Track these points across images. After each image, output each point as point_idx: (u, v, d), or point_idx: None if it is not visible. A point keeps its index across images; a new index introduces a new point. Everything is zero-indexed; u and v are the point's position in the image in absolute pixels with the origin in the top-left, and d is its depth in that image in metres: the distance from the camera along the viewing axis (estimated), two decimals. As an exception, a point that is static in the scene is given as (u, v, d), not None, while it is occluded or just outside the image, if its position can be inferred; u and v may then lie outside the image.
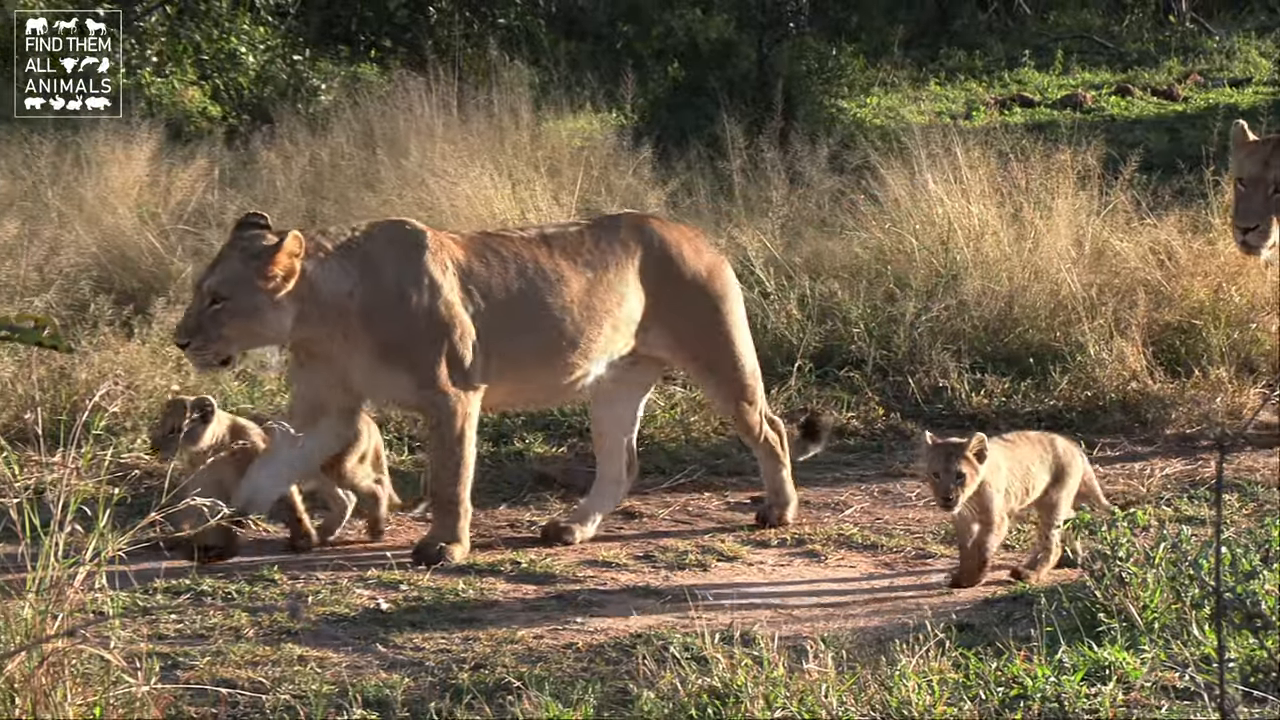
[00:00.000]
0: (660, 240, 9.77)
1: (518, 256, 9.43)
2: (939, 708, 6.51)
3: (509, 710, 6.74)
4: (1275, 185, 10.92)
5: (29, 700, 5.21)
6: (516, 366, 9.40)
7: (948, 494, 8.21)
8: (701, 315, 9.79)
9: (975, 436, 8.33)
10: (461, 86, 16.50)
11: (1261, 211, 10.94)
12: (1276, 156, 10.97)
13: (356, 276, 9.10)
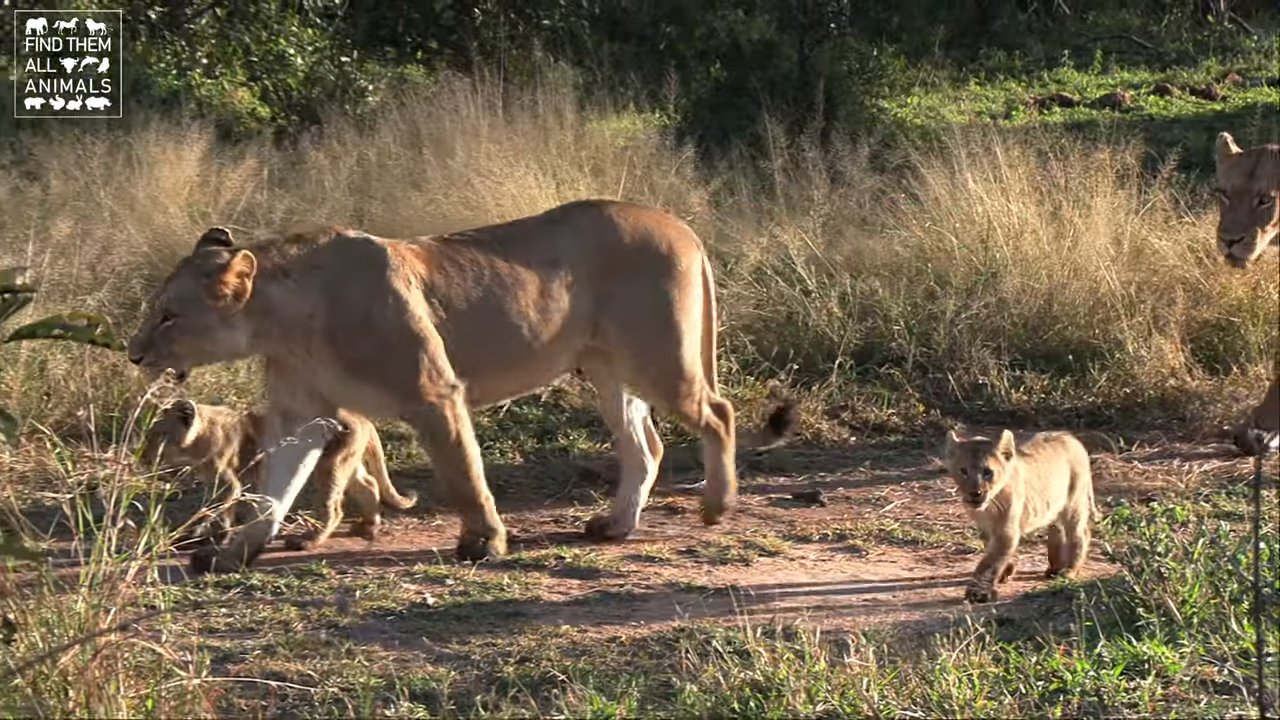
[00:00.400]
0: (617, 226, 9.62)
1: (474, 263, 9.32)
2: (979, 701, 6.50)
3: (554, 703, 6.74)
4: (1260, 196, 10.89)
5: (82, 693, 5.22)
6: (480, 370, 9.30)
7: (975, 489, 8.15)
8: (656, 297, 9.60)
9: (1004, 435, 8.29)
10: (506, 87, 16.51)
11: (1246, 223, 10.91)
12: (1261, 168, 10.95)
13: (317, 298, 8.97)
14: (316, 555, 9.25)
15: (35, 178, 15.42)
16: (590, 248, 9.53)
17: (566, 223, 9.66)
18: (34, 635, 5.54)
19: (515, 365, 9.40)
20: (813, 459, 11.14)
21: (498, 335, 9.27)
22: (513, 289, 9.30)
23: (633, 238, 9.60)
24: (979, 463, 8.14)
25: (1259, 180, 10.93)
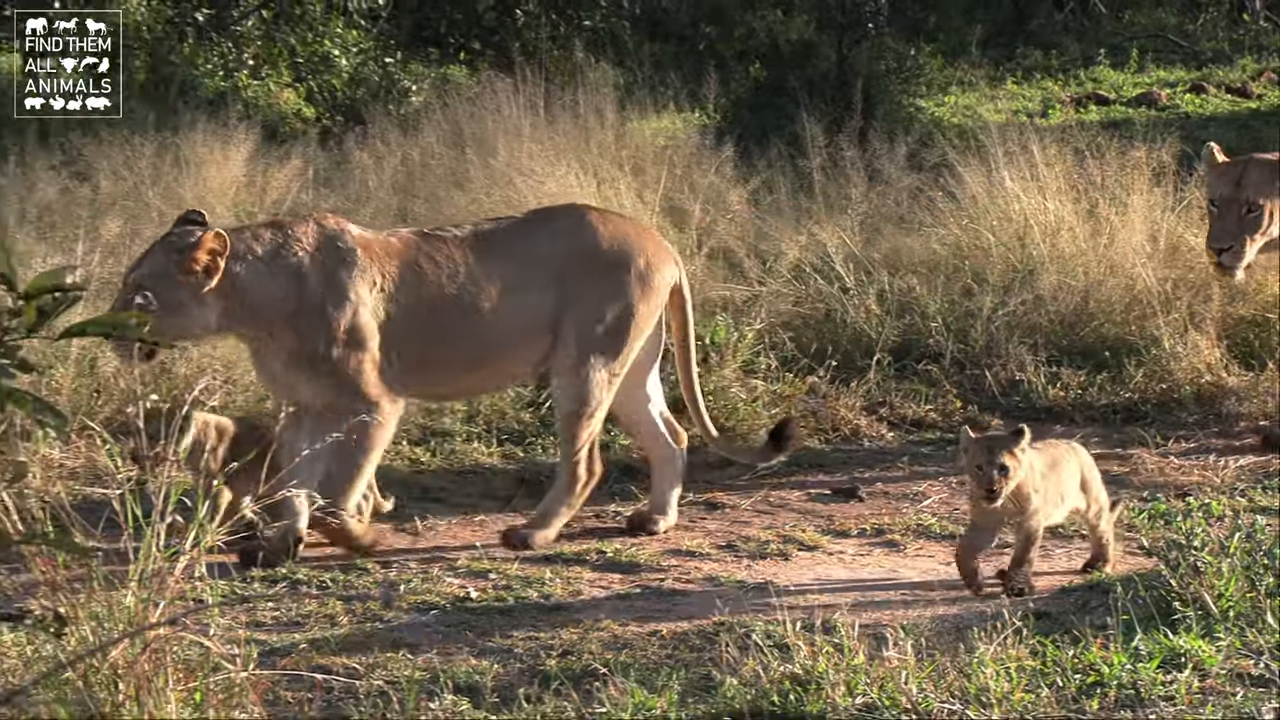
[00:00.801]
0: (593, 232, 9.49)
1: (450, 260, 9.21)
2: (1017, 694, 6.49)
3: (595, 696, 6.74)
4: (1248, 205, 10.85)
5: (132, 686, 5.24)
6: (452, 366, 9.25)
7: (992, 485, 8.08)
8: (610, 310, 9.44)
9: (1023, 430, 8.25)
10: (548, 87, 16.53)
11: (1235, 232, 10.88)
12: (1248, 177, 10.90)
13: (284, 283, 8.91)
14: (361, 550, 9.27)
15: (85, 178, 15.47)
16: (566, 251, 9.43)
17: (546, 224, 9.58)
18: (84, 629, 5.57)
19: (485, 362, 9.32)
20: (851, 455, 11.13)
21: (469, 331, 9.20)
22: (486, 287, 9.22)
23: (609, 245, 9.47)
24: (995, 459, 8.09)
25: (1246, 189, 10.88)
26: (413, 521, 9.80)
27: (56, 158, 16.13)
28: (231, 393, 10.94)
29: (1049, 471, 8.41)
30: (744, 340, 11.66)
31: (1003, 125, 15.76)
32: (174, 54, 22.93)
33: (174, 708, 5.29)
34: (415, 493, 10.21)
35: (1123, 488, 10.32)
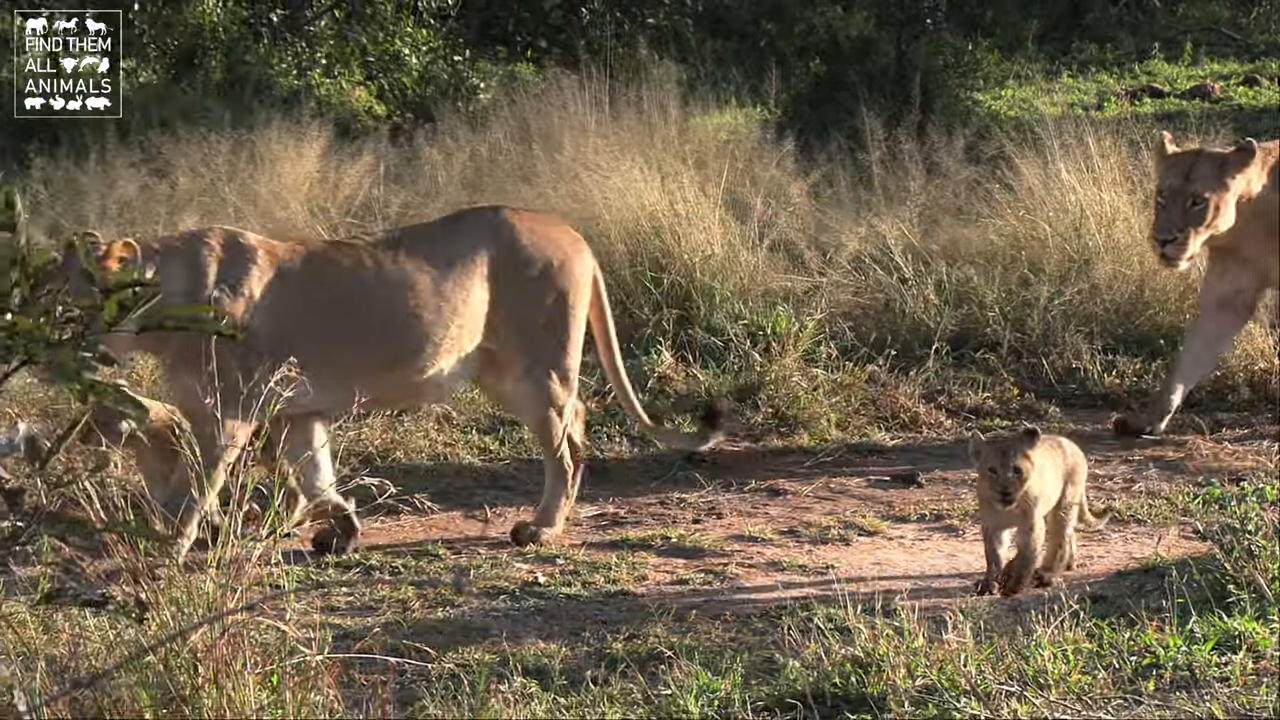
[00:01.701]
0: (512, 231, 9.27)
1: (360, 264, 8.95)
2: (1074, 676, 6.48)
3: (660, 679, 6.75)
4: (1193, 198, 10.62)
5: (211, 669, 5.27)
6: (362, 372, 8.85)
7: (1006, 488, 7.88)
8: (546, 307, 9.27)
9: (1037, 435, 8.07)
10: (613, 84, 16.52)
11: (1179, 224, 10.65)
12: (1197, 169, 10.68)
13: (175, 288, 8.54)
14: (433, 538, 9.30)
15: (163, 175, 15.55)
16: (486, 252, 9.21)
17: (462, 226, 9.38)
18: (165, 615, 5.60)
19: (404, 366, 9.01)
20: (910, 442, 11.11)
21: (384, 336, 8.95)
22: (401, 290, 8.98)
23: (530, 243, 9.27)
24: (1009, 461, 7.91)
25: (1194, 182, 10.66)
26: (482, 509, 9.83)
27: (136, 155, 16.21)
28: (306, 383, 10.98)
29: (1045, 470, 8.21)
30: (805, 330, 11.66)
31: (1058, 118, 15.72)
32: (249, 54, 23.02)
33: (251, 691, 5.32)
34: (484, 481, 10.24)
35: (1178, 473, 10.30)
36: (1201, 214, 10.64)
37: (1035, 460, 7.95)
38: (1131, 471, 10.43)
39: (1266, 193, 10.82)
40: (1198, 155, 10.84)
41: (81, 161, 15.97)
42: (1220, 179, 10.67)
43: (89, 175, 15.38)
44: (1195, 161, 10.76)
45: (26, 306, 4.33)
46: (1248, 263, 11.01)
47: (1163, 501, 9.65)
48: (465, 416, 10.91)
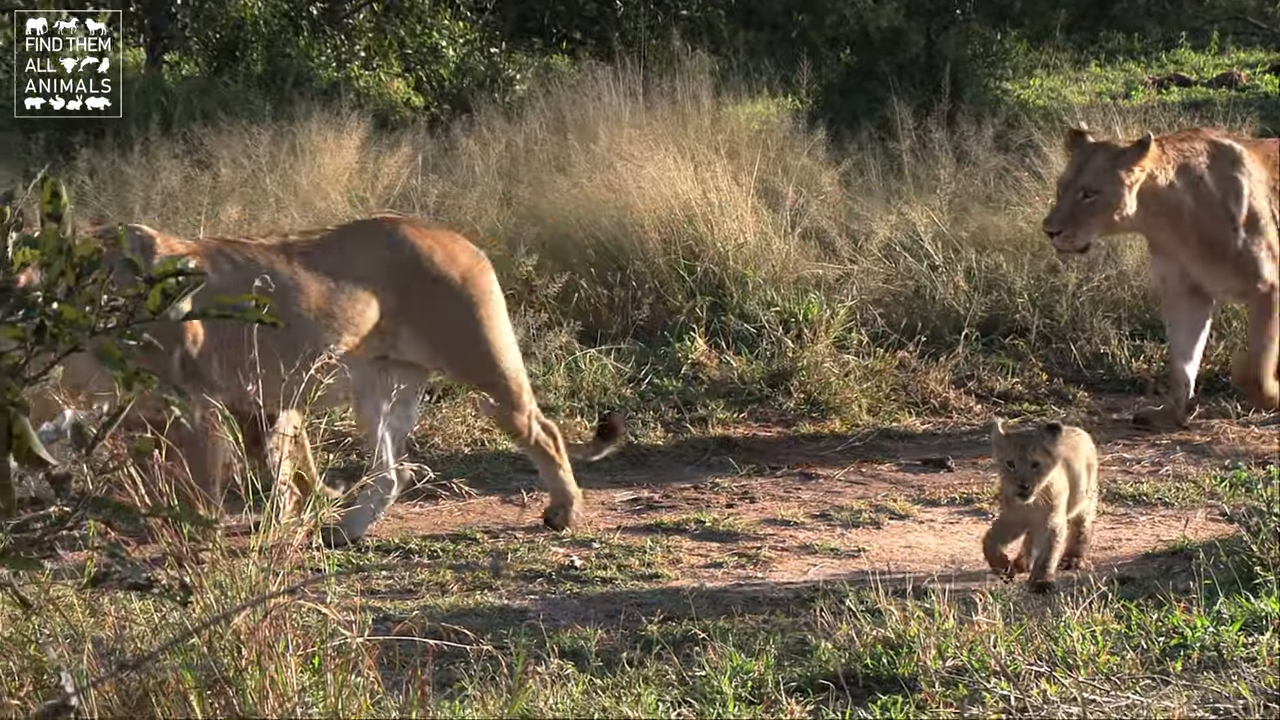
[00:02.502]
0: (410, 245, 9.07)
1: (251, 263, 8.78)
2: (1102, 657, 6.47)
3: (695, 660, 6.76)
4: (1083, 191, 10.43)
5: (254, 651, 5.29)
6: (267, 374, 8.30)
7: (1024, 483, 7.72)
8: (456, 320, 9.09)
9: (1060, 430, 7.91)
10: (647, 75, 16.50)
11: (1067, 217, 10.47)
12: (1090, 162, 10.48)
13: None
14: (471, 523, 9.31)
15: (206, 166, 15.57)
16: (379, 262, 9.02)
17: (354, 237, 9.21)
18: (209, 598, 5.62)
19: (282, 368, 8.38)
20: (940, 427, 11.10)
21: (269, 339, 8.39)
22: (293, 294, 8.78)
23: (430, 253, 9.06)
24: (1027, 456, 7.74)
25: (1085, 175, 10.47)
26: (519, 494, 9.84)
27: (179, 147, 16.24)
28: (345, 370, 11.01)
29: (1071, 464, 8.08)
30: (836, 317, 11.66)
31: (1087, 107, 15.71)
32: (289, 47, 23.06)
33: (294, 672, 5.33)
34: (521, 466, 10.25)
35: (1205, 457, 10.28)
36: (1092, 207, 10.44)
37: (1057, 455, 7.82)
38: (1159, 455, 10.41)
39: (1171, 186, 10.64)
40: (1095, 148, 10.61)
41: (126, 153, 16.00)
42: (1113, 172, 10.44)
43: (133, 166, 15.40)
44: (1091, 154, 10.55)
45: (72, 295, 4.35)
46: (1170, 255, 10.90)
47: (1190, 485, 9.63)
48: (502, 403, 10.93)
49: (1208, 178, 10.72)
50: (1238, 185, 10.73)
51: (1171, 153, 10.74)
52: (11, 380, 4.33)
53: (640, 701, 6.22)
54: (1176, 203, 10.66)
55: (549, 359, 11.44)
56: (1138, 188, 10.50)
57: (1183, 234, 10.74)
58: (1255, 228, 10.76)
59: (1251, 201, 10.77)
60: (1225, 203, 10.70)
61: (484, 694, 6.05)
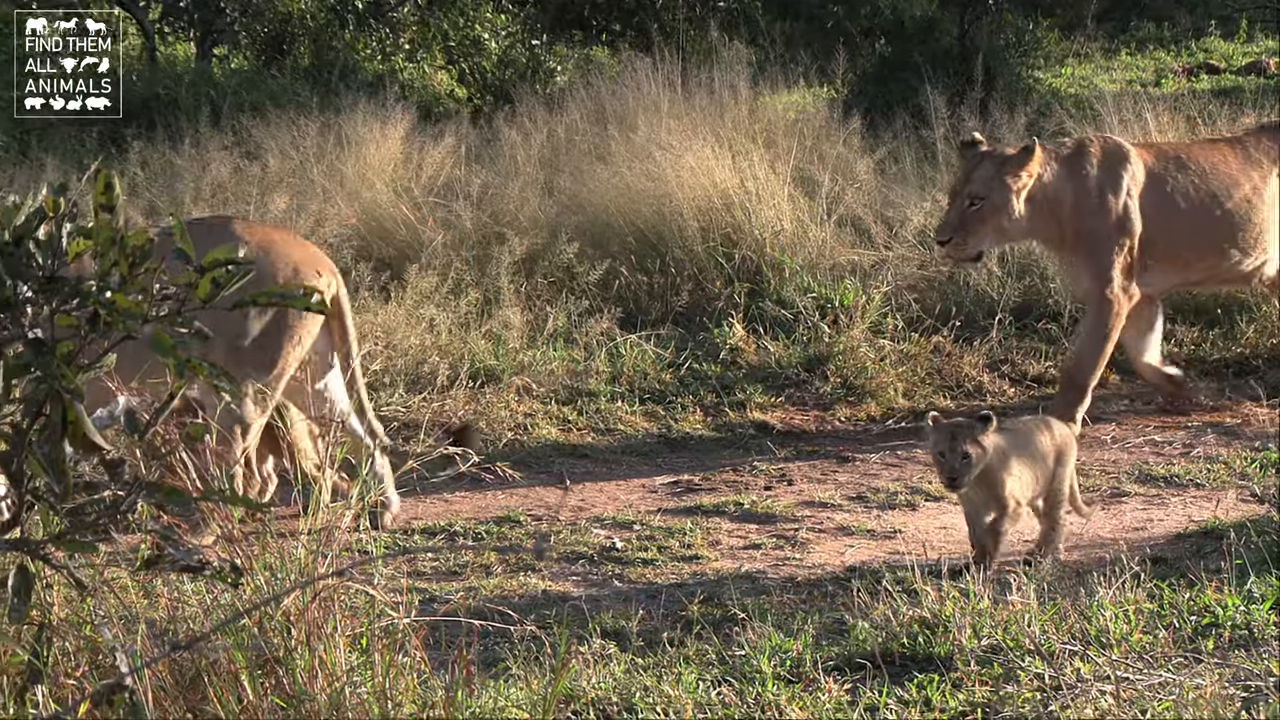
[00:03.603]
0: (238, 240, 8.61)
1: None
2: (1135, 635, 6.44)
3: (735, 639, 6.75)
4: (970, 199, 10.25)
5: (304, 631, 5.30)
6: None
7: (953, 473, 7.63)
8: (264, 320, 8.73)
9: (989, 416, 7.76)
10: (685, 66, 16.48)
11: (955, 225, 10.30)
12: (978, 171, 10.30)
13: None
14: (514, 505, 9.32)
15: (254, 157, 15.60)
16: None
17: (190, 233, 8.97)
18: (259, 579, 5.63)
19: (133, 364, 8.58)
20: (975, 410, 11.07)
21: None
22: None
23: (258, 252, 8.66)
24: (957, 446, 7.64)
25: (973, 183, 10.28)
26: (562, 477, 9.85)
27: (228, 138, 16.28)
28: (392, 357, 11.02)
29: (1022, 452, 7.94)
30: (872, 303, 11.65)
31: (1117, 95, 15.63)
32: (336, 40, 23.09)
33: (342, 652, 5.34)
34: (564, 450, 10.26)
35: (1235, 438, 10.24)
36: (979, 215, 10.27)
37: (987, 444, 7.67)
38: (1190, 437, 10.38)
39: (1060, 189, 10.46)
40: (983, 156, 10.40)
41: (177, 145, 16.06)
42: (999, 179, 10.27)
43: (184, 158, 15.45)
44: (979, 163, 10.37)
45: (125, 284, 4.36)
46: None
47: (1220, 466, 9.59)
48: (545, 388, 10.93)
49: (1088, 175, 10.55)
50: (1116, 184, 10.58)
51: (1056, 155, 10.57)
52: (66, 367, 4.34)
53: (681, 680, 6.22)
54: (1059, 203, 10.50)
55: (590, 345, 11.45)
56: (1026, 193, 10.34)
57: (1060, 232, 10.54)
58: (1121, 229, 10.56)
59: (1126, 202, 10.56)
60: (1099, 199, 10.53)
61: (528, 673, 6.05)
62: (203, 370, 4.43)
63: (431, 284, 11.92)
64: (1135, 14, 27.92)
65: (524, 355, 11.24)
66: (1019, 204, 10.30)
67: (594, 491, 9.65)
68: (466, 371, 10.88)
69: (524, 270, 12.53)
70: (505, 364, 11.12)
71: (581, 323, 11.72)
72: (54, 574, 5.16)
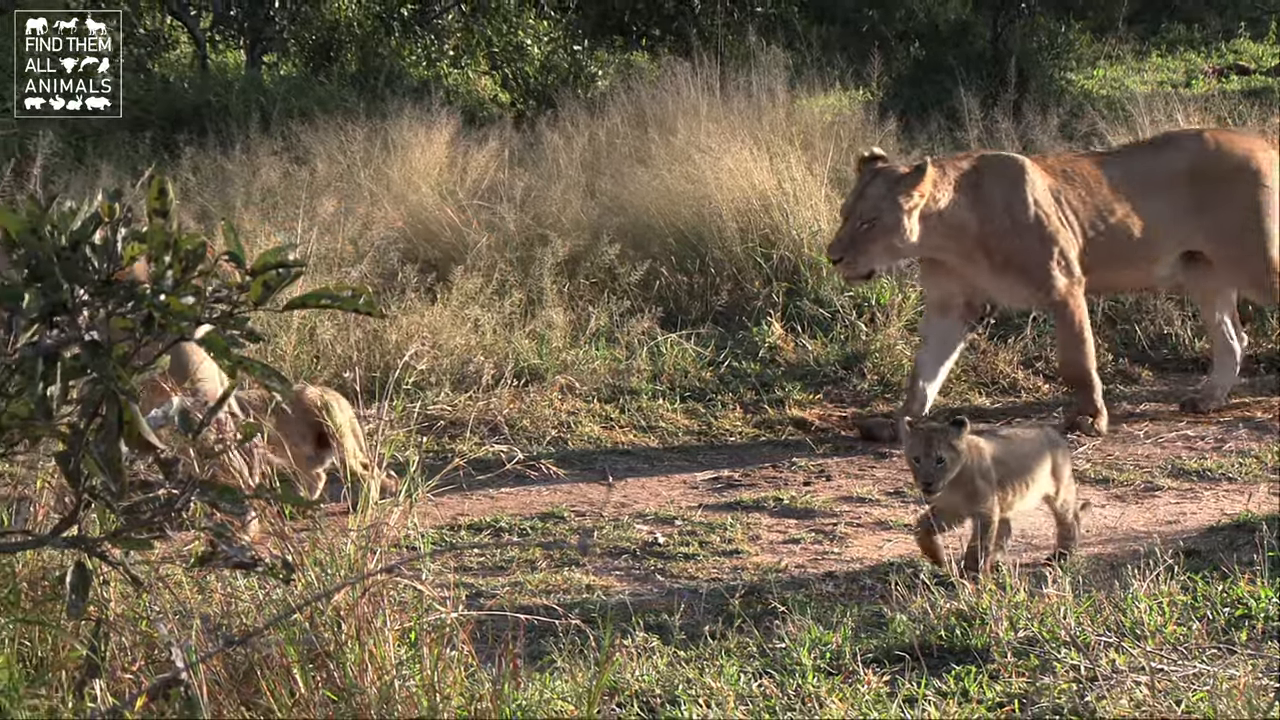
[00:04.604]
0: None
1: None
2: (1169, 627, 6.42)
3: (775, 633, 6.74)
4: (862, 218, 10.08)
5: (353, 627, 5.31)
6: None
7: (928, 478, 7.49)
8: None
9: (963, 420, 7.60)
10: (723, 70, 16.47)
11: (847, 243, 10.11)
12: (870, 189, 10.13)
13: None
14: (558, 501, 9.32)
15: (303, 162, 15.64)
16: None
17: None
18: (310, 576, 5.64)
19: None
20: (1010, 406, 11.04)
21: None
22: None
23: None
24: (931, 451, 7.49)
25: (864, 203, 10.11)
26: (605, 474, 9.85)
27: (278, 144, 16.33)
28: (438, 357, 11.04)
29: (1007, 458, 7.78)
30: (908, 301, 11.64)
31: (1149, 96, 15.58)
32: (382, 47, 23.15)
33: (391, 646, 5.35)
34: (606, 447, 10.26)
35: (1267, 433, 10.20)
36: (871, 233, 10.10)
37: (962, 449, 7.53)
38: (1222, 432, 10.34)
39: (954, 207, 10.28)
40: (875, 174, 10.22)
41: (228, 150, 16.11)
42: (891, 198, 10.09)
43: (235, 163, 15.50)
44: (871, 181, 10.20)
45: (178, 287, 4.37)
46: (952, 273, 10.57)
47: (1252, 460, 9.54)
48: (587, 387, 10.94)
49: (990, 193, 10.38)
50: (1021, 197, 10.41)
51: (951, 174, 10.40)
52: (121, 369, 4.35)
53: (722, 673, 6.21)
54: (961, 222, 10.32)
55: (632, 344, 11.45)
56: (918, 211, 10.17)
57: (969, 252, 10.39)
58: (1041, 237, 10.40)
59: (1036, 211, 10.39)
60: (1009, 215, 10.37)
61: (573, 666, 6.05)
62: (255, 370, 4.44)
63: (476, 285, 11.93)
64: (1166, 16, 27.82)
65: (567, 354, 11.24)
66: (911, 223, 10.12)
67: (636, 488, 9.65)
68: (511, 370, 10.88)
69: (566, 271, 12.53)
70: (549, 363, 11.13)
71: (623, 322, 11.72)
72: (111, 571, 5.18)
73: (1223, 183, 10.56)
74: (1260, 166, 10.65)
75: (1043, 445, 7.95)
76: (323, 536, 5.74)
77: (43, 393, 4.34)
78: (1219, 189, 10.56)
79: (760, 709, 5.94)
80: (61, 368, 4.36)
